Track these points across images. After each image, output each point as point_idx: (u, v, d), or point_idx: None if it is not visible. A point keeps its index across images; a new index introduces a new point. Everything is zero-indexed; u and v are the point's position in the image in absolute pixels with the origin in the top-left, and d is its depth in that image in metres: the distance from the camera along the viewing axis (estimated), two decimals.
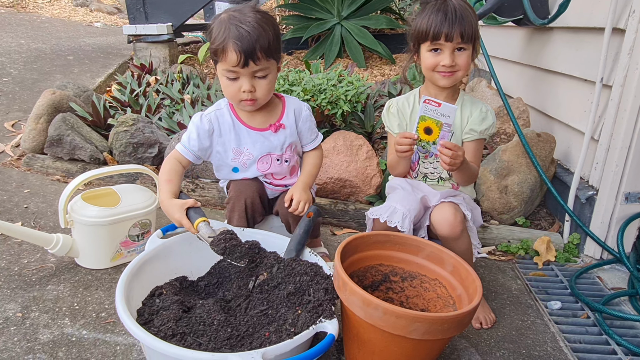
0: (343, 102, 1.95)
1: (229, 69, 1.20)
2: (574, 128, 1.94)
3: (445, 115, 1.17)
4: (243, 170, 1.40)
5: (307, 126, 1.44)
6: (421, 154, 1.47)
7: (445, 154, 1.19)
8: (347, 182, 1.90)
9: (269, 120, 1.37)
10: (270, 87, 1.27)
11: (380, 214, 1.36)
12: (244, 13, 1.19)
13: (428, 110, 1.18)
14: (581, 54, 1.90)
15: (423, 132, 1.22)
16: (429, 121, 1.19)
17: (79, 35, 4.40)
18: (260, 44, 1.16)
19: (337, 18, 4.18)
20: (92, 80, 2.96)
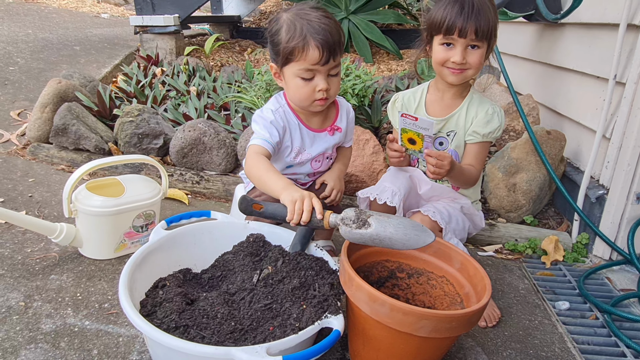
0: (350, 96, 1.92)
1: (308, 68, 1.16)
2: (585, 126, 1.91)
3: (424, 128, 1.17)
4: (297, 167, 1.38)
5: (351, 127, 1.45)
6: None
7: (430, 162, 1.19)
8: (354, 176, 1.88)
9: (326, 122, 1.36)
10: (339, 84, 1.27)
11: (370, 192, 1.37)
12: (308, 11, 1.17)
13: (407, 124, 1.19)
14: (594, 50, 1.86)
15: (407, 142, 1.24)
16: (410, 133, 1.20)
17: (85, 26, 4.39)
18: (338, 40, 1.16)
19: (345, 12, 4.14)
20: (99, 71, 2.95)
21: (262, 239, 1.27)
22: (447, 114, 1.36)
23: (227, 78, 3.01)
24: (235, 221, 1.31)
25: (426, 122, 1.16)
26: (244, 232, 1.29)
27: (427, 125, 1.16)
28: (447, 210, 1.38)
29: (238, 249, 1.27)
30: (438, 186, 1.41)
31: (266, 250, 1.24)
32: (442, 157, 1.18)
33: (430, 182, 1.39)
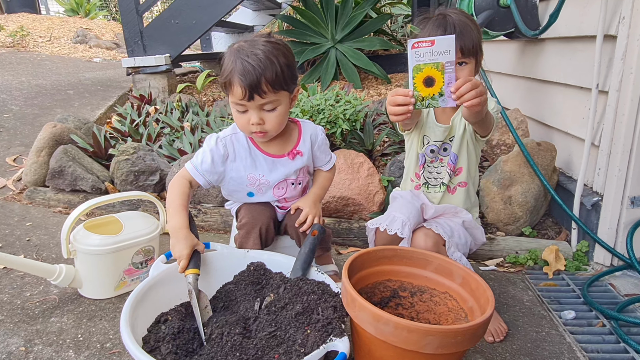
0: (342, 121, 1.96)
1: (237, 102, 1.19)
2: (574, 135, 1.95)
3: (444, 52, 1.00)
4: (259, 194, 1.39)
5: (322, 149, 1.44)
6: (427, 158, 1.47)
7: (464, 92, 1.03)
8: (350, 200, 1.89)
9: (286, 147, 1.36)
10: (280, 119, 1.24)
11: (380, 223, 1.37)
12: (254, 44, 1.17)
13: (420, 56, 1.01)
14: (574, 62, 1.92)
15: (423, 85, 1.04)
16: (427, 68, 1.02)
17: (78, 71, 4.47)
18: (267, 77, 1.14)
19: (332, 42, 4.25)
20: (93, 113, 2.99)
21: (263, 267, 1.27)
22: (450, 122, 1.43)
23: (219, 112, 3.06)
24: (234, 251, 1.31)
25: (445, 42, 0.99)
26: (244, 261, 1.29)
27: (447, 45, 0.99)
28: (448, 225, 1.40)
29: (239, 279, 1.26)
30: (441, 206, 1.43)
31: (267, 278, 1.24)
32: (472, 79, 1.04)
33: (433, 205, 1.41)
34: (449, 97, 1.05)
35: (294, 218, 1.36)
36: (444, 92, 1.04)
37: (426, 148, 1.47)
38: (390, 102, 1.12)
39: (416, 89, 1.06)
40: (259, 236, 1.35)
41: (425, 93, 1.06)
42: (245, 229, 1.36)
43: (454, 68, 1.03)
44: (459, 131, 1.43)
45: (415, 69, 1.04)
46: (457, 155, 1.45)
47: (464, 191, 1.50)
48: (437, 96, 1.05)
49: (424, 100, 1.07)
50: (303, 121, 1.42)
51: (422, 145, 1.48)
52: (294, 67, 1.23)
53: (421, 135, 1.47)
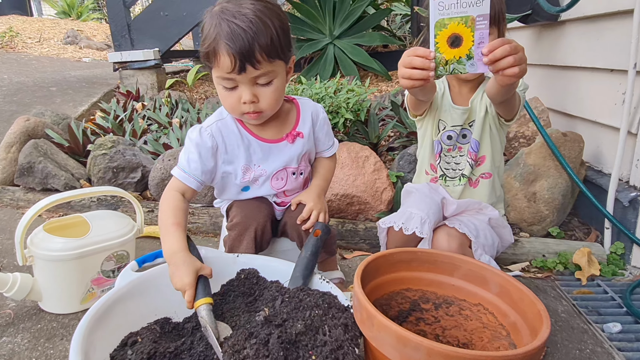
0: (345, 110, 1.75)
1: (224, 76, 0.97)
2: (604, 124, 1.75)
3: (475, 2, 0.81)
4: (255, 188, 1.17)
5: (325, 131, 1.22)
6: (444, 146, 1.27)
7: (500, 56, 0.82)
8: (355, 198, 1.68)
9: (284, 129, 1.15)
10: (277, 94, 1.03)
11: (394, 221, 1.16)
12: (241, 4, 0.96)
13: (445, 8, 0.82)
14: (603, 43, 1.72)
15: (447, 45, 0.85)
16: (452, 24, 0.83)
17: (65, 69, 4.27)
18: (260, 43, 0.93)
19: (330, 37, 4.07)
20: (75, 109, 2.79)
21: (256, 275, 1.06)
22: (468, 104, 1.23)
23: (211, 109, 2.86)
24: (222, 255, 1.10)
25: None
26: (234, 267, 1.07)
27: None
28: (473, 223, 1.19)
29: (227, 289, 1.05)
30: (463, 202, 1.23)
31: (261, 287, 1.02)
32: (514, 44, 0.83)
33: (455, 200, 1.21)
34: (479, 61, 0.84)
35: (295, 215, 1.15)
36: (473, 54, 0.84)
37: (442, 134, 1.27)
38: (405, 63, 0.90)
39: (438, 50, 0.86)
40: (254, 238, 1.13)
41: (449, 55, 0.85)
42: (237, 229, 1.14)
43: (488, 24, 0.82)
44: (480, 114, 1.23)
45: (438, 25, 0.84)
46: (479, 142, 1.25)
47: (488, 183, 1.29)
48: (464, 59, 0.85)
49: (447, 65, 0.86)
50: (300, 98, 1.22)
51: (438, 132, 1.27)
52: (289, 32, 1.01)
53: (436, 120, 1.27)
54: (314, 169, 1.26)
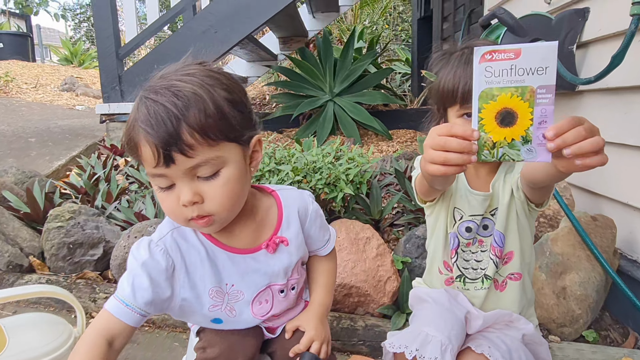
0: (344, 184, 1.54)
1: (153, 173, 0.73)
2: (636, 207, 1.53)
3: (536, 69, 0.62)
4: (230, 320, 0.89)
5: (318, 225, 0.96)
6: (462, 239, 1.04)
7: (573, 140, 0.61)
8: (354, 288, 1.42)
9: (261, 233, 0.88)
10: (229, 189, 0.75)
11: (405, 344, 0.90)
12: (172, 75, 0.74)
13: (494, 74, 0.63)
14: (633, 117, 1.55)
15: (495, 123, 0.64)
16: (504, 96, 0.63)
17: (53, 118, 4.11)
18: (189, 121, 0.68)
19: (330, 95, 3.97)
20: (49, 165, 2.58)
21: None
22: (489, 188, 1.01)
23: None
24: None
25: (540, 52, 0.61)
26: None
27: (542, 58, 0.61)
28: (504, 343, 0.94)
29: None
30: (491, 314, 0.99)
31: None
32: (589, 125, 0.62)
33: (481, 314, 0.96)
34: (539, 146, 0.63)
35: (290, 344, 0.89)
36: (531, 136, 0.63)
37: (459, 226, 1.04)
38: (436, 144, 0.68)
39: (483, 128, 0.65)
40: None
41: (498, 136, 0.65)
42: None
43: (553, 98, 0.62)
44: (504, 200, 1.01)
45: (484, 96, 0.64)
46: (504, 235, 1.02)
47: (517, 286, 1.05)
48: (518, 142, 0.64)
49: (495, 148, 0.65)
50: (282, 189, 0.96)
51: (453, 222, 1.05)
52: (244, 106, 0.78)
53: (450, 209, 1.04)
54: (311, 276, 1.00)
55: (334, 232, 1.05)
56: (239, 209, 0.80)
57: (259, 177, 1.65)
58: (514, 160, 0.65)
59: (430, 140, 0.69)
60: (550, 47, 0.61)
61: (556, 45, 0.61)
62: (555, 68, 0.61)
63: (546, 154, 0.63)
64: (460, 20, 3.65)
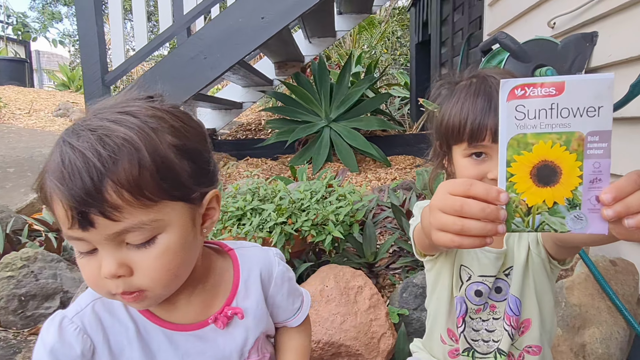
0: (333, 225, 1.38)
1: (67, 235, 0.57)
2: None
3: (586, 109, 0.47)
4: None
5: (286, 290, 0.79)
6: (471, 305, 0.87)
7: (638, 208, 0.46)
8: (343, 347, 1.25)
9: (212, 304, 0.71)
10: (169, 260, 0.59)
11: None
12: (105, 114, 0.59)
13: (528, 117, 0.48)
14: None
15: (532, 181, 0.49)
16: (542, 146, 0.48)
17: (40, 145, 3.99)
18: (116, 178, 0.53)
19: (326, 120, 3.86)
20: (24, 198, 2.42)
21: None
22: (502, 244, 0.85)
23: None
24: None
25: (592, 87, 0.46)
26: None
27: (593, 96, 0.46)
28: None
29: None
30: None
31: None
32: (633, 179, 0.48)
33: None
34: (592, 212, 0.48)
35: None
36: (580, 199, 0.48)
37: (467, 288, 0.88)
38: (449, 207, 0.52)
39: (514, 188, 0.50)
40: None
41: (535, 198, 0.49)
42: None
43: (609, 149, 0.47)
44: (520, 258, 0.86)
45: (515, 145, 0.49)
46: (520, 300, 0.86)
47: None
48: (563, 208, 0.49)
49: (529, 215, 0.50)
50: (241, 248, 0.78)
51: (460, 283, 0.88)
52: (199, 155, 0.63)
53: (456, 267, 0.89)
54: (278, 356, 0.83)
55: (307, 298, 0.87)
56: (179, 282, 0.64)
57: (240, 216, 1.50)
58: (557, 231, 0.49)
59: (441, 201, 0.53)
60: (604, 81, 0.46)
61: (612, 79, 0.46)
62: (612, 108, 0.47)
63: (601, 223, 0.48)
64: (459, 44, 3.56)
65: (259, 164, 3.75)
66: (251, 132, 4.95)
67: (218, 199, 0.67)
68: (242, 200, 1.51)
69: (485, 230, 0.50)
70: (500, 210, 0.50)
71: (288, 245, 1.41)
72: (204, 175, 0.64)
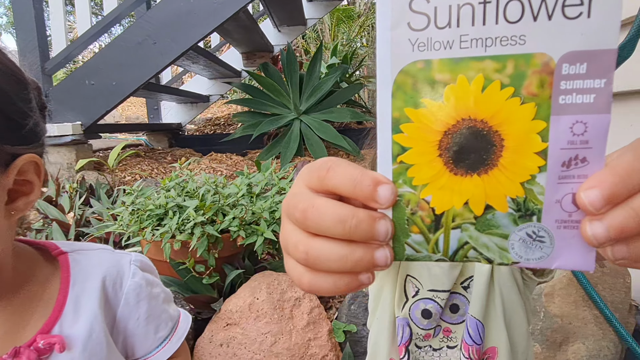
0: (266, 224, 1.14)
1: None
2: None
3: (564, 2, 0.22)
4: None
5: (143, 314, 0.57)
6: (416, 329, 0.65)
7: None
8: None
9: (22, 328, 0.49)
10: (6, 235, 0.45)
11: None
12: None
13: (435, 24, 0.23)
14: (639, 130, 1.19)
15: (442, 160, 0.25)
16: (462, 83, 0.24)
17: None
18: None
19: (295, 113, 3.63)
20: None
21: None
22: None
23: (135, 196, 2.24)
24: None
25: None
26: None
27: None
28: None
29: None
30: None
31: None
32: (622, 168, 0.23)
33: None
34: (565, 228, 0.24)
35: None
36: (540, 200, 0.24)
37: (412, 307, 0.65)
38: (292, 210, 0.27)
39: (408, 177, 0.25)
40: None
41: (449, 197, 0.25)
42: None
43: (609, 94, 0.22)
44: (482, 266, 0.63)
45: (409, 87, 0.24)
46: (482, 324, 0.64)
47: None
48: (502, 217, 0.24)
49: (439, 230, 0.25)
50: (79, 252, 0.57)
51: (403, 299, 0.67)
52: (9, 99, 0.46)
53: (401, 276, 0.66)
54: None
55: (184, 325, 0.63)
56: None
57: (161, 215, 1.25)
58: (492, 262, 0.25)
59: (288, 199, 0.29)
60: None
61: None
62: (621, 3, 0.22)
63: (581, 249, 0.24)
64: None
65: (224, 159, 3.50)
66: (220, 127, 4.69)
67: (38, 169, 0.49)
68: (165, 197, 1.27)
69: (345, 261, 0.25)
70: (377, 220, 0.25)
71: (214, 249, 1.17)
72: (12, 130, 0.46)
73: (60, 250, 0.56)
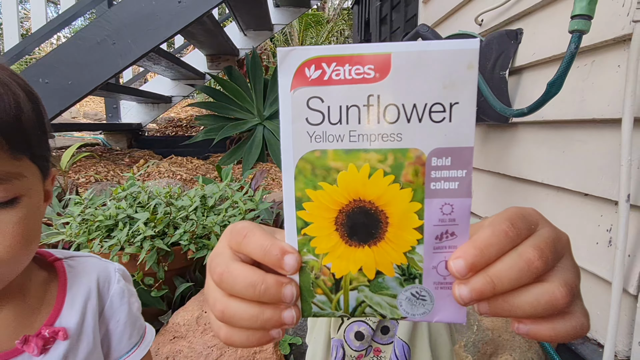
0: (216, 239, 1.16)
1: None
2: (584, 269, 1.26)
3: (430, 106, 0.27)
4: None
5: (123, 317, 0.62)
6: (350, 351, 0.70)
7: (509, 285, 0.28)
8: None
9: (25, 322, 0.54)
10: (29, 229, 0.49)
11: None
12: None
13: (330, 120, 0.28)
14: (572, 157, 1.30)
15: (337, 234, 0.29)
16: (351, 171, 0.28)
17: None
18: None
19: (259, 118, 3.64)
20: None
21: None
22: None
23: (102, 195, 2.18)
24: None
25: (444, 58, 0.27)
26: None
27: (451, 67, 0.27)
28: None
29: None
30: None
31: None
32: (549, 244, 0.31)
33: None
34: (441, 289, 0.30)
35: None
36: (420, 267, 0.30)
37: (346, 329, 0.70)
38: (212, 270, 0.31)
39: (311, 247, 0.30)
40: None
41: (346, 264, 0.30)
42: None
43: (471, 177, 0.28)
44: None
45: (308, 172, 0.29)
46: (409, 346, 0.69)
47: None
48: (391, 280, 0.30)
49: (339, 292, 0.31)
50: (72, 258, 0.63)
51: (339, 321, 0.71)
52: (45, 121, 0.54)
53: None
54: None
55: (150, 336, 0.68)
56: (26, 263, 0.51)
57: (111, 227, 1.25)
58: (385, 317, 0.31)
59: (212, 258, 0.33)
60: (461, 53, 0.27)
61: (476, 49, 0.27)
62: (475, 105, 0.27)
63: (455, 306, 0.30)
64: None
65: (184, 162, 3.46)
66: (182, 129, 4.63)
67: (53, 181, 0.58)
68: (115, 207, 1.26)
69: (256, 320, 0.30)
70: (284, 286, 0.29)
71: (164, 262, 1.18)
72: (48, 145, 0.55)
73: (55, 257, 0.62)
